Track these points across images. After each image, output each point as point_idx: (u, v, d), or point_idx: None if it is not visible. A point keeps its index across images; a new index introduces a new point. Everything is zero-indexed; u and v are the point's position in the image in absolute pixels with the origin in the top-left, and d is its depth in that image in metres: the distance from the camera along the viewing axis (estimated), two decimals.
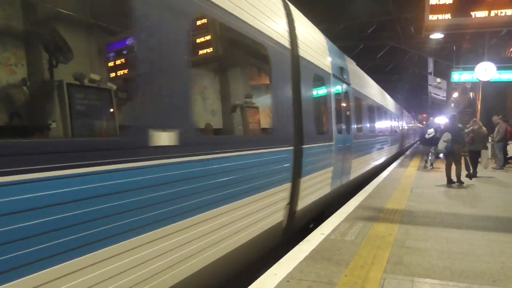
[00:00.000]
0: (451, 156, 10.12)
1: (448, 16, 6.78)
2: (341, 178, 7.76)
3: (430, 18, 6.94)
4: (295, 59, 5.23)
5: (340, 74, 7.79)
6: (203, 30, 5.04)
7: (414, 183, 10.27)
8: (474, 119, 13.03)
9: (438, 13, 6.81)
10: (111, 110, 3.45)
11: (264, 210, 4.25)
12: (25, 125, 3.47)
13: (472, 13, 6.79)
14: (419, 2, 15.47)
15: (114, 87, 3.58)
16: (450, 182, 10.19)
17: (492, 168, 14.03)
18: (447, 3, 6.78)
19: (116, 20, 3.95)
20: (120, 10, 2.97)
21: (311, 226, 6.53)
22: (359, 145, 9.59)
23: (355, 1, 17.06)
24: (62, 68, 3.57)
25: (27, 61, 3.55)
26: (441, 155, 12.66)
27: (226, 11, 3.50)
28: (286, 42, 4.95)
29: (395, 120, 20.81)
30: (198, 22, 4.61)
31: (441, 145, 9.96)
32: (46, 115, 3.38)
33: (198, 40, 5.10)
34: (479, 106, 20.93)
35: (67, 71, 3.39)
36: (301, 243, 4.70)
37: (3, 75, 3.42)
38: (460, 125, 10.44)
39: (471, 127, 12.21)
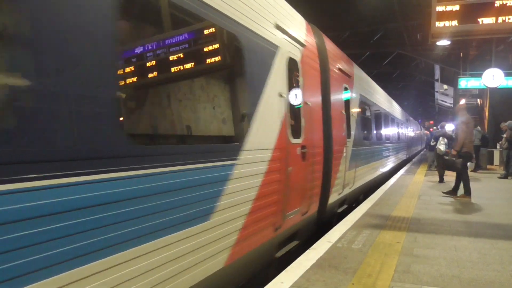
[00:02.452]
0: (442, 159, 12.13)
1: (455, 22, 6.74)
2: None
3: (437, 25, 6.91)
4: None
5: None
6: None
7: (422, 190, 10.19)
8: None
9: (445, 20, 6.77)
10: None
11: None
12: None
13: (480, 20, 6.75)
14: (426, 9, 15.46)
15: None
16: (441, 181, 12.20)
17: (498, 177, 13.92)
18: (454, 10, 6.74)
19: None
20: None
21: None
22: None
23: (361, 9, 17.07)
24: None
25: None
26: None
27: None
28: None
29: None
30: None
31: (442, 147, 11.78)
32: None
33: None
34: (486, 113, 20.79)
35: None
36: (307, 251, 4.67)
37: None
38: (449, 132, 12.72)
39: None
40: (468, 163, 9.40)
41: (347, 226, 5.98)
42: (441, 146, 11.81)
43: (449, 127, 17.34)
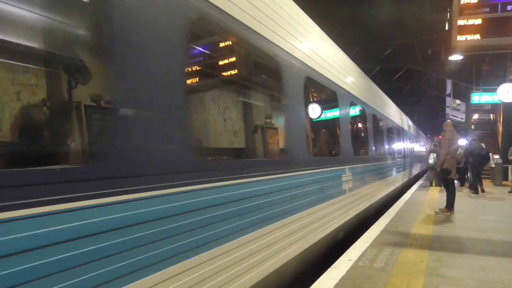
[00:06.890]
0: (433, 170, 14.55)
1: (477, 36, 6.60)
2: None
3: (458, 39, 6.77)
4: None
5: None
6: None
7: (438, 206, 9.96)
8: None
9: (467, 34, 6.64)
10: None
11: None
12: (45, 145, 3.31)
13: (504, 34, 6.56)
14: (438, 25, 15.40)
15: None
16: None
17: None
18: (475, 23, 6.62)
19: None
20: None
21: None
22: None
23: (372, 24, 17.08)
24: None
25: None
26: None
27: None
28: None
29: None
30: None
31: (431, 161, 14.90)
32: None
33: None
34: (500, 128, 20.53)
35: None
36: (329, 269, 4.52)
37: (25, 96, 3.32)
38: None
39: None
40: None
41: (366, 244, 5.82)
42: (431, 160, 15.08)
43: (462, 142, 17.35)
